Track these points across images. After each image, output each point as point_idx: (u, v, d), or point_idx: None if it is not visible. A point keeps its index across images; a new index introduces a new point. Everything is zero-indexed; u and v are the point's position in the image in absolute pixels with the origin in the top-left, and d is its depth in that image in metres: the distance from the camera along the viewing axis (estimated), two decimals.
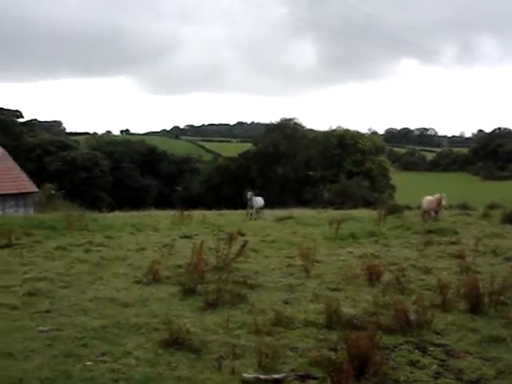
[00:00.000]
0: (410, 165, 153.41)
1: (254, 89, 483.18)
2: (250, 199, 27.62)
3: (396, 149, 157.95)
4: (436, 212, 23.71)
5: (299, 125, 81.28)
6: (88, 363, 7.06)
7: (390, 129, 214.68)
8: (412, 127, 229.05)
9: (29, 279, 11.73)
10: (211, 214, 26.99)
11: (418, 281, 12.03)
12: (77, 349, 7.58)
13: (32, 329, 8.49)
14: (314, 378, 6.74)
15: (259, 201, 28.50)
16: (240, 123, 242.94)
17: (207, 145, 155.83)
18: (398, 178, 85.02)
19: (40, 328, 8.49)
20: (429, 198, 24.33)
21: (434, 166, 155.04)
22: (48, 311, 9.47)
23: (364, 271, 12.13)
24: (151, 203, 56.01)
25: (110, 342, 7.89)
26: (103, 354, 7.38)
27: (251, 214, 27.31)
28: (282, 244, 17.11)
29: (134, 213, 28.26)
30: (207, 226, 21.62)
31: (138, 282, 11.66)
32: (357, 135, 74.60)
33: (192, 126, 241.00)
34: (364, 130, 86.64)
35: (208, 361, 7.28)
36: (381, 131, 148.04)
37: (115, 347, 7.68)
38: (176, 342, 7.68)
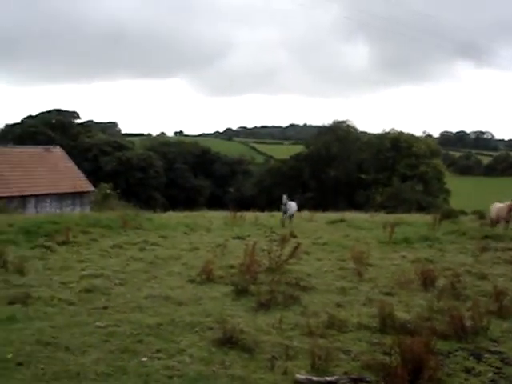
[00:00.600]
0: (465, 169, 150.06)
1: (307, 91, 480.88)
2: (285, 204, 24.43)
3: (451, 152, 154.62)
4: (507, 220, 21.46)
5: (352, 127, 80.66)
6: (143, 359, 7.21)
7: (445, 132, 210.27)
8: (468, 130, 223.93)
9: (86, 276, 12.03)
10: (263, 216, 27.09)
11: (473, 287, 11.81)
12: (133, 345, 7.75)
13: (89, 324, 8.71)
14: (367, 382, 6.71)
15: (293, 206, 25.38)
16: (292, 125, 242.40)
17: (259, 147, 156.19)
18: (453, 182, 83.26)
19: (97, 324, 8.71)
20: (498, 204, 22.19)
21: (491, 171, 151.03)
22: (105, 307, 9.70)
23: (418, 276, 11.97)
24: (204, 204, 56.53)
25: (165, 340, 8.04)
26: (158, 351, 7.53)
27: (283, 220, 24.14)
28: (333, 247, 17.05)
29: (188, 213, 28.58)
30: (259, 227, 21.72)
31: (192, 281, 11.83)
32: (411, 138, 73.30)
33: (245, 127, 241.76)
34: (418, 132, 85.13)
35: (261, 361, 7.34)
36: (436, 134, 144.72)
37: (170, 344, 7.82)
38: (229, 341, 7.77)
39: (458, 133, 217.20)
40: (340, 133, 77.28)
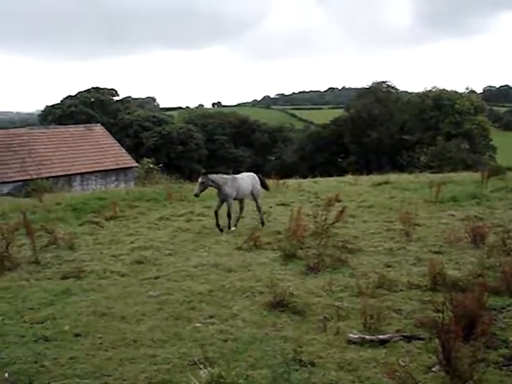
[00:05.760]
0: (511, 124, 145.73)
1: (346, 51, 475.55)
2: (221, 188, 14.41)
3: (496, 108, 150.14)
4: None
5: (392, 87, 79.08)
6: (197, 325, 7.38)
7: (489, 87, 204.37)
8: None
9: (136, 248, 12.31)
10: (306, 182, 26.85)
11: None
12: (186, 312, 7.94)
13: (142, 294, 8.95)
14: (420, 339, 6.71)
15: (245, 184, 15.05)
16: (331, 89, 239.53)
17: (298, 113, 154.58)
18: (498, 138, 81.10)
19: (150, 293, 8.93)
20: None
21: None
22: (156, 277, 9.92)
23: (467, 234, 11.82)
24: None
25: (217, 305, 8.20)
26: (211, 317, 7.70)
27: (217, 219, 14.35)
28: (380, 209, 16.85)
29: None
30: (303, 193, 21.61)
31: (240, 249, 11.97)
32: (454, 95, 71.45)
33: (282, 94, 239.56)
34: (461, 89, 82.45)
35: (312, 322, 7.42)
36: (479, 90, 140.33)
37: (222, 310, 7.98)
38: (280, 305, 7.86)
39: (501, 87, 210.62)
40: (380, 94, 75.84)
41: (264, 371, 5.82)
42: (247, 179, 15.31)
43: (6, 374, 6.01)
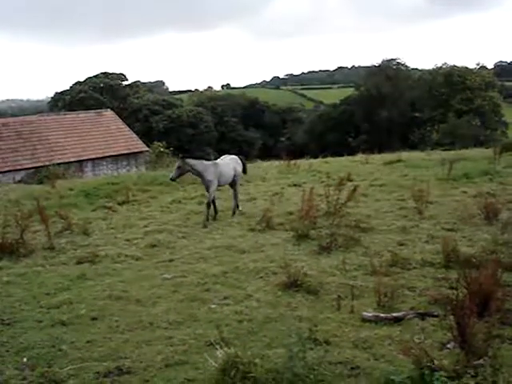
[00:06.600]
0: None
1: (354, 29, 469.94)
2: (202, 175, 13.68)
3: (507, 83, 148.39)
4: None
5: (402, 65, 78.39)
6: (212, 306, 7.46)
7: (500, 62, 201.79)
8: None
9: (149, 232, 12.39)
10: (317, 162, 26.76)
11: None
12: (201, 293, 8.01)
13: (157, 277, 9.03)
14: (435, 316, 6.72)
15: (228, 169, 14.18)
16: (340, 68, 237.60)
17: (308, 93, 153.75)
18: (510, 114, 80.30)
19: (164, 276, 9.01)
20: None
21: None
22: (170, 260, 10.01)
23: (480, 210, 11.77)
24: (256, 155, 56.56)
25: (231, 286, 8.27)
26: (226, 298, 7.77)
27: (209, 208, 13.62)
28: (392, 187, 16.80)
29: None
30: (314, 173, 21.56)
31: (252, 230, 12.01)
32: (465, 71, 70.72)
33: (291, 74, 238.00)
34: (472, 65, 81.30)
35: (327, 301, 7.47)
36: (490, 65, 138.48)
37: (236, 291, 8.03)
38: (294, 285, 7.91)
39: None
40: (390, 72, 75.24)
41: (279, 350, 5.85)
42: (230, 163, 14.42)
43: (25, 359, 6.10)
